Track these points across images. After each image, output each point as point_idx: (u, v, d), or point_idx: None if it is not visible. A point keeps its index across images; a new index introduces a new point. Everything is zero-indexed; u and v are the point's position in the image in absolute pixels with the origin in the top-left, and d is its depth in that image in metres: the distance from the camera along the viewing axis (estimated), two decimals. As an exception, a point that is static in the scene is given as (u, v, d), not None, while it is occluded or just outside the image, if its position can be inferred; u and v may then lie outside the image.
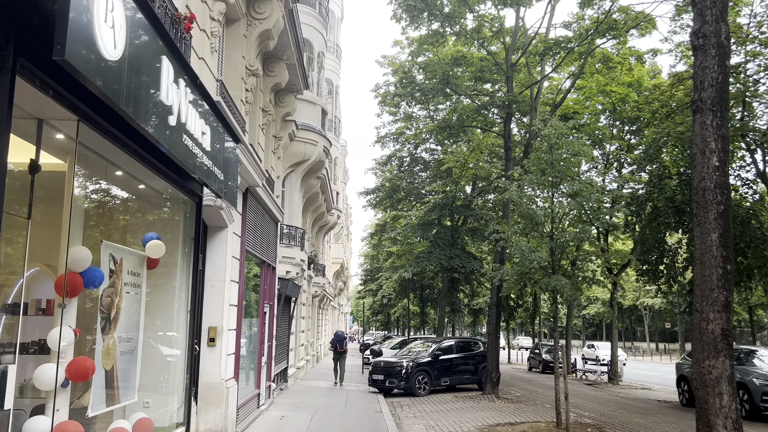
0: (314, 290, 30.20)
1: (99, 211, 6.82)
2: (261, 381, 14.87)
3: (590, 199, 13.51)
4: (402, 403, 18.74)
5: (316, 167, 20.65)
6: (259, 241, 14.14)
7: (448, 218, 28.95)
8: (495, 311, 20.24)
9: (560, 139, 13.95)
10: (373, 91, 35.86)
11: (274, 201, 15.64)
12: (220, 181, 7.57)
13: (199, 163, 6.44)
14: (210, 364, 10.97)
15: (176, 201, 8.09)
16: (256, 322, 14.61)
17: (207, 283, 11.13)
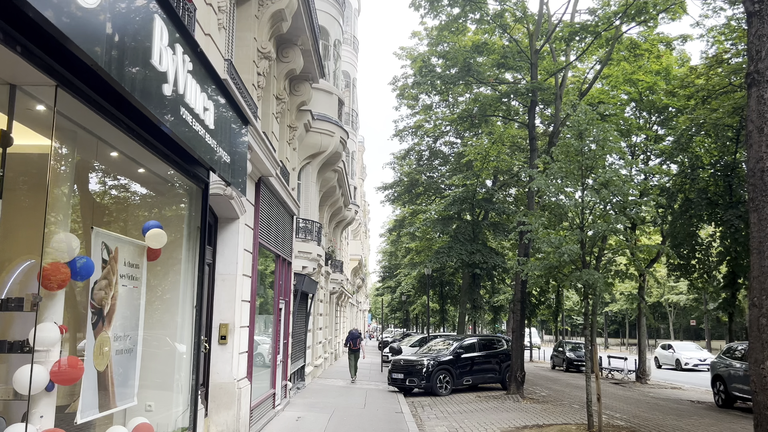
0: (332, 287, 29.60)
1: (92, 197, 6.21)
2: (276, 380, 14.27)
3: (622, 189, 12.70)
4: (423, 403, 18.05)
5: (333, 159, 20.00)
6: (273, 235, 13.52)
7: (469, 212, 28.14)
8: (520, 308, 19.45)
9: (590, 125, 13.15)
10: (390, 84, 35.16)
11: (289, 193, 15.02)
12: (226, 164, 6.93)
13: (200, 141, 5.80)
14: (221, 364, 10.38)
15: (180, 187, 7.46)
16: (271, 319, 14.00)
17: (218, 278, 10.53)
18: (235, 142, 7.51)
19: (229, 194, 9.48)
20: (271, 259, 14.04)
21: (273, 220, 13.48)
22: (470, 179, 26.09)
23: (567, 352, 34.15)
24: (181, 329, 7.37)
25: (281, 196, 13.93)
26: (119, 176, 6.51)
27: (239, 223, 10.72)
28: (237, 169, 7.61)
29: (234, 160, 7.40)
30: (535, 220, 13.67)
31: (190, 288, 7.50)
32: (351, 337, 23.79)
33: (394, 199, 35.37)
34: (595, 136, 12.78)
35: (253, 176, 11.32)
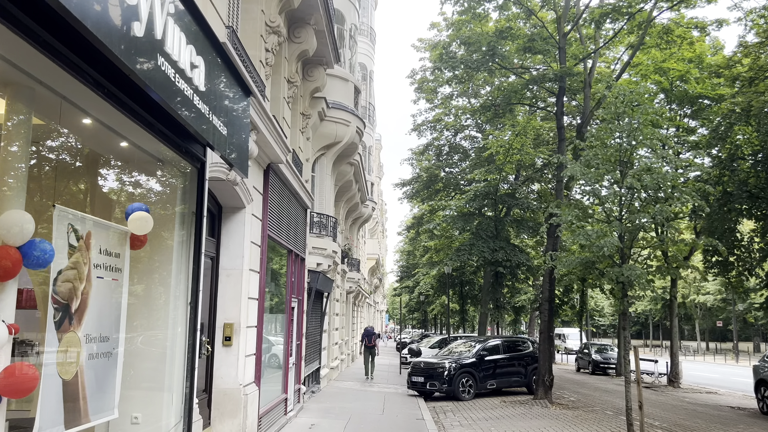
0: (348, 286, 28.62)
1: (56, 170, 5.26)
2: (288, 384, 13.30)
3: (665, 176, 11.55)
4: (445, 409, 16.99)
5: (349, 151, 19.01)
6: (284, 228, 12.56)
7: (491, 208, 26.99)
8: (548, 307, 18.31)
9: (629, 106, 12.02)
10: (409, 77, 34.17)
11: (303, 184, 14.05)
12: (222, 137, 5.95)
13: (186, 102, 4.83)
14: (225, 367, 9.42)
15: (171, 166, 6.51)
16: (282, 318, 13.04)
17: (222, 273, 9.59)
18: (234, 113, 6.54)
19: (233, 179, 8.52)
20: (282, 255, 13.08)
21: (284, 213, 12.52)
22: (492, 173, 24.97)
23: (593, 354, 32.88)
24: (173, 329, 6.41)
25: (293, 186, 12.96)
26: (94, 148, 5.56)
27: (245, 213, 9.76)
28: (237, 145, 6.64)
29: (232, 134, 6.43)
30: (568, 212, 12.55)
31: (184, 282, 6.54)
32: (366, 334, 24.24)
33: (412, 196, 34.31)
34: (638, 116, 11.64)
35: (261, 162, 10.36)
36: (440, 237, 36.73)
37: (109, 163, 5.96)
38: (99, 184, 5.84)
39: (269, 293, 11.76)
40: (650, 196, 11.80)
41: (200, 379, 8.97)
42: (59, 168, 5.33)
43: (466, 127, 32.27)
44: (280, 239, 12.14)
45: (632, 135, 11.59)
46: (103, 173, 6.03)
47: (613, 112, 12.12)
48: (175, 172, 6.60)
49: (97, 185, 5.82)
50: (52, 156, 5.22)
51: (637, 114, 11.59)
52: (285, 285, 13.24)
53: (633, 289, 11.69)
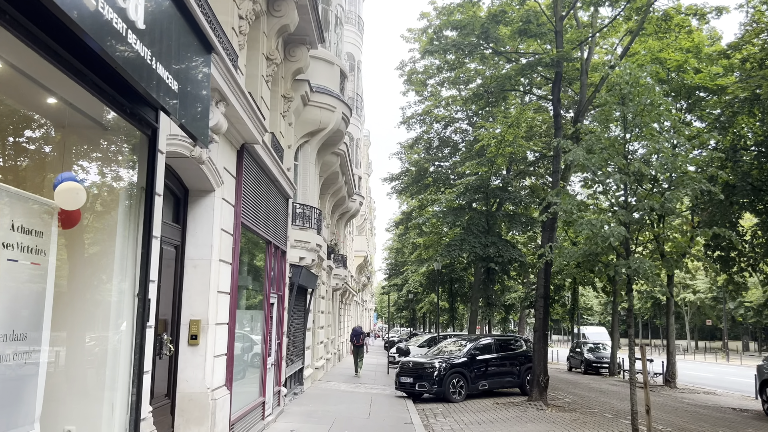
0: (335, 283, 27.64)
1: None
2: (267, 386, 12.29)
3: (674, 162, 10.66)
4: (435, 411, 16.06)
5: (334, 139, 18.01)
6: (262, 217, 11.55)
7: (483, 202, 26.06)
8: (543, 304, 17.41)
9: (634, 87, 11.12)
10: (398, 68, 33.21)
11: (283, 172, 13.05)
12: (171, 92, 4.94)
13: (117, 36, 3.81)
14: (191, 369, 8.41)
15: (117, 132, 5.50)
16: (260, 315, 12.03)
17: (188, 264, 8.57)
18: (192, 71, 5.54)
19: (198, 156, 7.51)
20: (260, 246, 12.07)
21: (261, 200, 11.50)
22: (484, 166, 24.05)
23: (585, 353, 32.11)
24: (117, 326, 5.40)
25: (272, 172, 11.95)
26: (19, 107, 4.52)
27: (215, 197, 8.75)
28: (195, 111, 5.64)
29: (189, 96, 5.43)
30: (569, 201, 11.63)
31: (131, 270, 5.53)
32: (354, 334, 25.27)
33: (401, 191, 33.34)
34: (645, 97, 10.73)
35: (233, 141, 9.35)
36: (429, 233, 35.80)
37: (35, 123, 4.93)
38: (20, 149, 4.82)
39: (244, 287, 10.75)
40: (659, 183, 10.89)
41: (162, 382, 7.96)
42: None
43: (456, 120, 31.34)
44: (257, 229, 11.13)
45: (639, 116, 10.69)
46: (30, 136, 5.00)
47: (617, 93, 11.21)
48: (120, 139, 5.59)
49: (17, 150, 4.79)
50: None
51: (645, 94, 10.68)
52: (263, 279, 12.23)
53: (638, 283, 10.77)
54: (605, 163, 10.92)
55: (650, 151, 10.60)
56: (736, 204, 18.40)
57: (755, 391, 21.48)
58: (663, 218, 12.11)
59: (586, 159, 10.79)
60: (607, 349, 33.19)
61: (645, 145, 11.06)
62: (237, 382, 10.19)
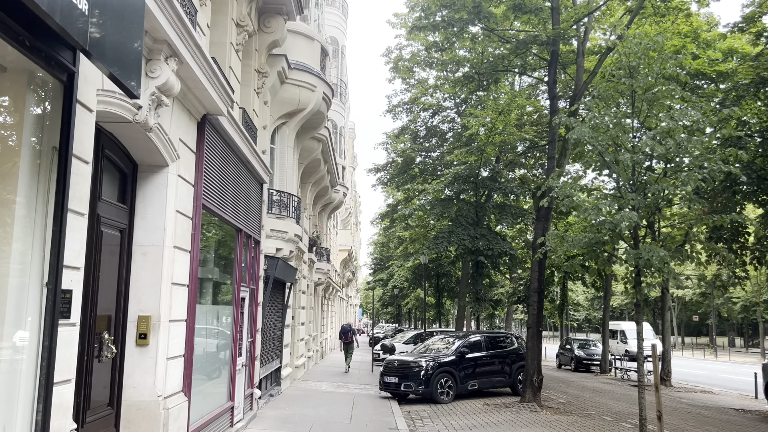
0: (317, 277, 26.44)
1: None
2: (236, 389, 11.09)
3: (689, 141, 9.59)
4: (422, 413, 14.96)
5: (315, 121, 16.78)
6: (230, 201, 10.33)
7: (472, 193, 24.93)
8: (537, 299, 16.34)
9: (644, 58, 10.03)
10: (384, 55, 32.07)
11: (256, 153, 11.83)
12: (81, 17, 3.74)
13: None
14: (140, 373, 7.19)
15: (20, 76, 4.28)
16: (229, 311, 10.81)
17: (136, 251, 7.35)
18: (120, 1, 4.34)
19: (143, 122, 6.28)
20: (229, 234, 10.85)
21: (230, 182, 10.28)
22: (473, 154, 22.92)
23: (576, 350, 31.21)
24: (17, 322, 4.19)
25: (243, 153, 10.73)
26: None
27: (169, 173, 7.53)
28: (125, 51, 4.44)
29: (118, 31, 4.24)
30: (570, 185, 10.51)
31: (38, 252, 4.33)
32: (343, 331, 25.91)
33: (387, 182, 32.15)
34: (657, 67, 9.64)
35: (193, 110, 8.12)
36: (416, 227, 34.68)
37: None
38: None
39: (208, 280, 9.54)
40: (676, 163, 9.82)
41: (103, 389, 6.75)
42: None
43: (444, 109, 30.19)
44: (224, 214, 9.91)
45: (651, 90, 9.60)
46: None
47: (625, 65, 10.11)
48: (25, 86, 4.36)
49: None
50: None
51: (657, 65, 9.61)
52: (232, 271, 11.01)
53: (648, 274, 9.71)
54: (614, 141, 9.82)
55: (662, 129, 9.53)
56: (739, 193, 17.43)
57: (755, 390, 20.74)
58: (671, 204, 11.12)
59: (593, 137, 9.69)
60: (598, 346, 32.31)
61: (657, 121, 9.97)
62: (199, 387, 9.00)
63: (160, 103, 6.59)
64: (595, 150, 9.83)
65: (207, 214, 9.08)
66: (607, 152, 9.77)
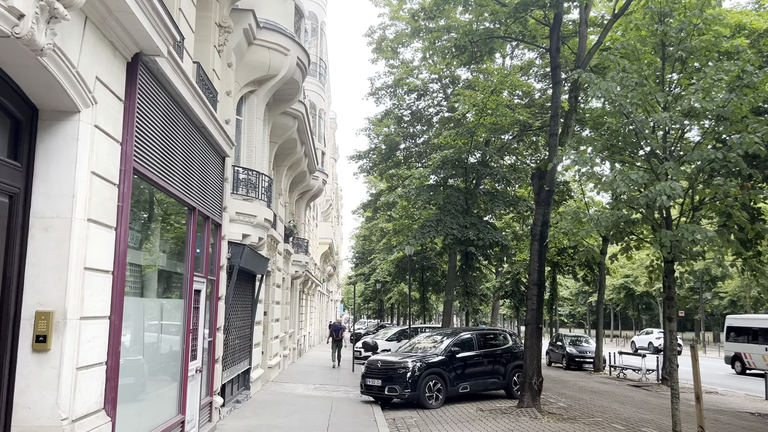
0: (294, 270, 24.59)
1: None
2: (188, 400, 9.24)
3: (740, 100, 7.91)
4: (408, 422, 13.22)
5: (288, 92, 14.92)
6: (179, 171, 8.46)
7: (461, 178, 23.16)
8: (536, 292, 14.65)
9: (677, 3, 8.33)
10: (366, 35, 30.21)
11: (215, 119, 9.97)
12: None
13: None
14: (37, 389, 5.35)
15: None
16: (180, 306, 8.95)
17: (34, 224, 5.50)
18: None
19: (29, 38, 4.41)
20: (178, 213, 8.98)
21: (178, 149, 8.41)
22: (463, 137, 21.16)
23: (567, 347, 29.63)
24: None
25: (197, 115, 8.87)
26: None
27: (81, 122, 5.67)
28: None
29: None
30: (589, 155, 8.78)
31: None
32: (333, 329, 26.09)
33: (370, 169, 30.31)
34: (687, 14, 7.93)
35: (118, 44, 6.25)
36: (400, 217, 32.91)
37: None
38: None
39: (144, 267, 7.66)
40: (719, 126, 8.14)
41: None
42: None
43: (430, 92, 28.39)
44: (170, 186, 8.04)
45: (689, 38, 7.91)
46: None
47: (655, 10, 8.41)
48: None
49: None
50: None
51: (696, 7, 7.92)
52: (183, 258, 9.15)
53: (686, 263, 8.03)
54: (644, 99, 8.10)
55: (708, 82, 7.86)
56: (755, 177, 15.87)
57: (765, 392, 19.45)
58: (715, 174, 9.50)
59: (619, 95, 7.98)
60: (591, 343, 30.84)
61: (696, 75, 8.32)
62: (133, 401, 7.16)
63: (55, 15, 4.71)
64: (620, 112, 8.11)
65: (142, 182, 7.22)
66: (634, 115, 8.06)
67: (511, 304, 40.75)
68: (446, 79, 26.38)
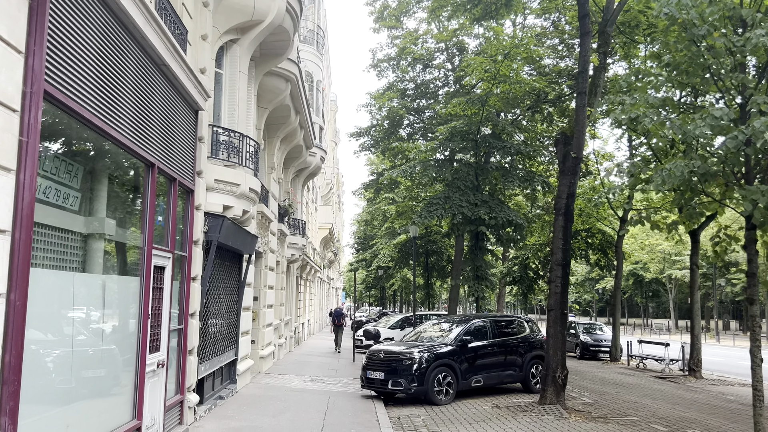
0: (290, 253, 22.81)
1: None
2: (146, 402, 7.49)
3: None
4: (415, 422, 11.50)
5: (277, 44, 13.06)
6: (126, 112, 6.66)
7: (472, 152, 21.28)
8: (561, 274, 12.89)
9: None
10: (368, 3, 28.29)
11: (183, 61, 8.17)
12: None
13: None
14: None
15: None
16: (129, 285, 7.16)
17: None
18: None
19: None
20: (129, 167, 7.19)
21: (125, 82, 6.60)
22: (474, 105, 19.27)
23: (581, 335, 27.91)
24: None
25: (156, 49, 7.07)
26: None
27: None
28: None
29: None
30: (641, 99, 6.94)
31: None
32: (336, 314, 27.11)
33: (371, 147, 28.43)
34: None
35: None
36: (403, 199, 31.08)
37: None
38: None
39: (74, 233, 5.87)
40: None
41: None
42: None
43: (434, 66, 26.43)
44: (113, 130, 6.24)
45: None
46: None
47: None
48: None
49: None
50: None
51: None
52: (141, 227, 7.37)
53: None
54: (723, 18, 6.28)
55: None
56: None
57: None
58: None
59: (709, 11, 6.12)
60: (605, 331, 29.11)
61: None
62: (55, 410, 5.41)
63: None
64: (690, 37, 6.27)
65: (66, 116, 5.42)
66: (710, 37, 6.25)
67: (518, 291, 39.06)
68: (453, 48, 24.48)
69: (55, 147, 5.49)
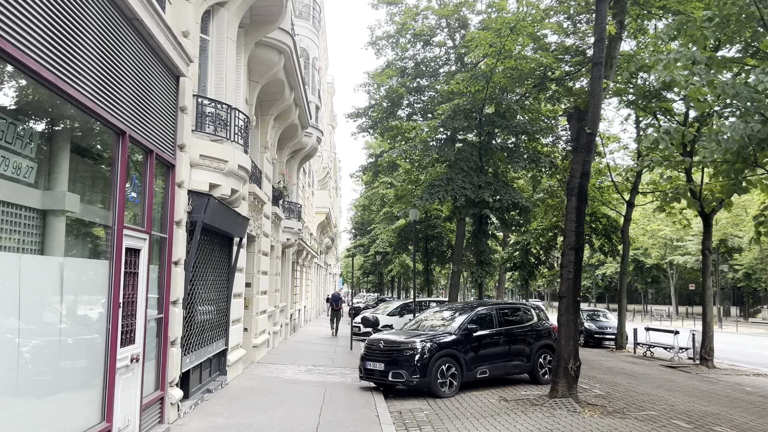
0: (285, 237, 21.92)
1: None
2: (116, 399, 6.64)
3: None
4: (418, 416, 10.69)
5: (268, 10, 12.06)
6: (88, 69, 5.74)
7: (475, 131, 20.34)
8: (573, 258, 12.02)
9: None
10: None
11: (158, 16, 7.24)
12: None
13: None
14: None
15: None
16: (102, 268, 6.29)
17: None
18: None
19: None
20: (94, 134, 6.28)
21: (86, 34, 5.68)
22: (478, 82, 18.33)
23: (586, 323, 27.19)
24: None
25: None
26: None
27: None
28: None
29: None
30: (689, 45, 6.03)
31: None
32: (333, 299, 27.60)
33: (369, 128, 27.44)
34: None
35: None
36: (402, 182, 30.17)
37: None
38: None
39: (43, 210, 4.98)
40: None
41: None
42: None
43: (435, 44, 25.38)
44: (69, 87, 5.33)
45: None
46: None
47: None
48: None
49: None
50: None
51: None
52: (110, 202, 6.48)
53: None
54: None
55: None
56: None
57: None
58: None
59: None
60: (609, 318, 28.40)
61: None
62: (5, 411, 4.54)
63: None
64: None
65: (8, 65, 4.51)
66: None
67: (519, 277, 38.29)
68: (455, 24, 23.46)
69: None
